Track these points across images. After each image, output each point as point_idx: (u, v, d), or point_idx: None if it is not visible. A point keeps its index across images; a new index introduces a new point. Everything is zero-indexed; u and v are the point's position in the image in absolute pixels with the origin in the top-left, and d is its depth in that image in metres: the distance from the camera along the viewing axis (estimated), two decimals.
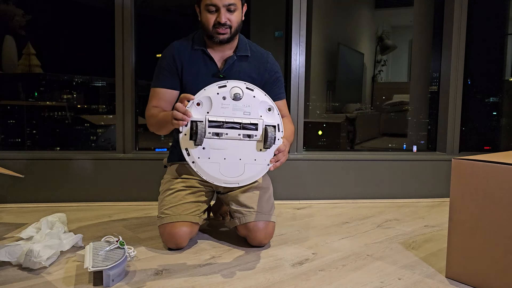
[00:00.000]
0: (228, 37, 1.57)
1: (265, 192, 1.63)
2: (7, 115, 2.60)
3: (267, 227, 1.57)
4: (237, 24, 1.57)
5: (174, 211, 1.54)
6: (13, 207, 2.13)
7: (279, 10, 2.06)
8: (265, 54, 1.70)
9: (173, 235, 1.52)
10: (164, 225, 1.54)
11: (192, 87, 1.60)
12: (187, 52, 1.62)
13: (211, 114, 1.35)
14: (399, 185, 2.46)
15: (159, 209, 1.60)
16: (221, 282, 1.29)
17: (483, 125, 2.92)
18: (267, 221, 1.57)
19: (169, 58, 1.62)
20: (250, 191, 1.60)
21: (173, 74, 1.62)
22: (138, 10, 2.35)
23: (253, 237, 1.57)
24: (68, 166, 2.22)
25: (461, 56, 2.56)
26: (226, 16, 1.53)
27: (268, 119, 1.40)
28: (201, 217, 1.60)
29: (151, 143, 2.59)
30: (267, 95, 1.42)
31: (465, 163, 1.28)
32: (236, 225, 1.59)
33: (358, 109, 4.23)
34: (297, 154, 2.43)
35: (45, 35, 2.73)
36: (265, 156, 1.42)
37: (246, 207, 1.57)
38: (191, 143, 1.35)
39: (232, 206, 1.60)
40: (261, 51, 1.70)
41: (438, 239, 1.73)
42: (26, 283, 1.26)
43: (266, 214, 1.58)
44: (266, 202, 1.60)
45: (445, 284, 1.31)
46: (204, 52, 1.62)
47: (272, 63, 1.69)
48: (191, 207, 1.57)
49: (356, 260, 1.49)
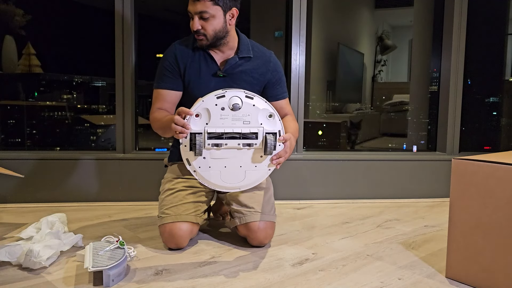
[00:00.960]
0: (206, 44, 1.56)
1: (266, 192, 1.63)
2: (7, 115, 2.60)
3: (267, 227, 1.57)
4: (213, 31, 1.53)
5: (175, 211, 1.54)
6: (13, 207, 2.13)
7: (279, 10, 2.07)
8: (268, 53, 1.69)
9: (173, 235, 1.52)
10: (165, 225, 1.53)
11: (194, 86, 1.61)
12: (188, 52, 1.62)
13: (210, 125, 1.36)
14: (399, 185, 2.46)
15: (160, 209, 1.60)
16: (221, 282, 1.29)
17: (483, 125, 2.92)
18: (267, 221, 1.57)
19: (171, 59, 1.61)
20: (251, 191, 1.59)
21: (175, 75, 1.61)
22: (138, 10, 2.35)
23: (253, 237, 1.57)
24: (68, 166, 2.22)
25: (461, 56, 2.56)
26: (199, 23, 1.52)
27: (269, 126, 1.40)
28: (202, 217, 1.60)
29: (151, 143, 2.59)
30: (267, 102, 1.41)
31: (465, 163, 1.28)
32: (236, 225, 1.59)
33: (358, 109, 4.23)
34: (297, 154, 2.43)
35: (45, 35, 2.72)
36: (266, 162, 1.43)
37: (247, 207, 1.57)
38: (191, 153, 1.37)
39: (233, 206, 1.60)
40: (264, 51, 1.69)
41: (438, 239, 1.73)
42: (26, 283, 1.26)
43: (267, 214, 1.58)
44: (267, 202, 1.60)
45: (445, 284, 1.31)
46: (204, 52, 1.62)
47: (274, 62, 1.69)
48: (192, 207, 1.57)
49: (356, 260, 1.49)
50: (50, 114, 2.72)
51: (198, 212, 1.58)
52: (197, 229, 1.60)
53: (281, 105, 1.70)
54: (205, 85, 1.59)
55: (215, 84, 1.59)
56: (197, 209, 1.58)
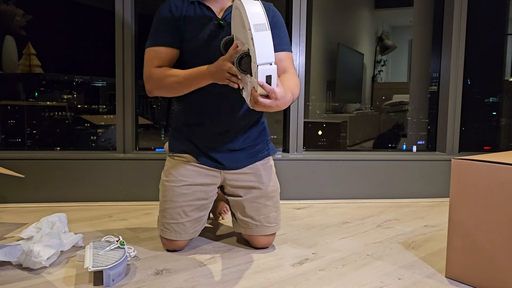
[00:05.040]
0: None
1: (273, 199, 1.58)
2: (7, 115, 2.60)
3: (270, 236, 1.58)
4: None
5: (176, 229, 1.51)
6: (13, 207, 2.13)
7: (279, 10, 2.05)
8: (267, 3, 1.57)
9: (173, 244, 1.53)
10: (165, 237, 1.54)
11: (193, 39, 1.47)
12: (184, 4, 1.49)
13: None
14: (399, 185, 2.46)
15: (160, 217, 1.55)
16: (221, 282, 1.29)
17: (483, 125, 2.92)
18: (272, 233, 1.58)
19: (166, 12, 1.48)
20: (256, 202, 1.56)
21: (172, 29, 1.46)
22: (138, 10, 2.35)
23: (256, 244, 1.58)
24: (68, 166, 2.22)
25: (461, 56, 2.56)
26: None
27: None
28: (202, 228, 1.58)
29: (151, 143, 2.59)
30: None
31: (465, 163, 1.28)
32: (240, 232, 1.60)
33: (358, 109, 4.23)
34: (297, 154, 2.43)
35: (45, 35, 2.72)
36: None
37: (252, 219, 1.55)
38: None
39: (237, 213, 1.58)
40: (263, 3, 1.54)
41: (438, 239, 1.73)
42: (26, 283, 1.26)
43: (272, 225, 1.57)
44: (273, 212, 1.58)
45: (445, 284, 1.31)
46: (200, 3, 1.49)
47: (274, 10, 1.56)
48: (194, 225, 1.53)
49: (356, 260, 1.49)
50: (50, 114, 2.72)
51: (199, 227, 1.56)
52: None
53: (279, 57, 1.47)
54: (203, 36, 1.45)
55: (214, 33, 1.46)
56: (199, 224, 1.56)
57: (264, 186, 1.56)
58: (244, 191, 1.55)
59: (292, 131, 2.44)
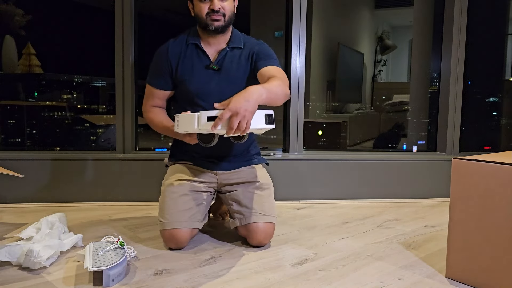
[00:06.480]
0: (222, 25, 1.58)
1: (266, 191, 1.64)
2: (7, 115, 2.60)
3: (267, 228, 1.58)
4: (231, 12, 1.60)
5: (175, 217, 1.53)
6: (13, 207, 2.13)
7: (279, 10, 2.07)
8: (257, 42, 1.69)
9: (173, 237, 1.53)
10: (165, 230, 1.54)
11: (187, 80, 1.62)
12: (181, 48, 1.64)
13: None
14: (399, 185, 2.46)
15: (160, 212, 1.59)
16: (221, 282, 1.29)
17: (483, 125, 2.92)
18: (267, 222, 1.58)
19: (163, 56, 1.65)
20: (251, 192, 1.61)
21: (165, 73, 1.65)
22: (138, 10, 2.35)
23: (253, 237, 1.57)
24: (68, 166, 2.22)
25: (461, 56, 2.56)
26: (219, 4, 1.56)
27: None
28: (202, 222, 1.60)
29: (151, 143, 2.59)
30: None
31: (465, 163, 1.28)
32: (236, 226, 1.60)
33: (358, 109, 4.23)
34: (297, 154, 2.43)
35: (45, 35, 2.72)
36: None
37: (247, 207, 1.58)
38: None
39: (233, 206, 1.61)
40: (254, 41, 1.69)
41: (438, 239, 1.73)
42: (26, 283, 1.26)
43: (267, 215, 1.58)
44: (267, 203, 1.61)
45: (445, 284, 1.31)
46: (197, 46, 1.64)
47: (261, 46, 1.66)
48: (192, 213, 1.56)
49: (356, 260, 1.49)
50: (50, 114, 2.72)
51: (198, 217, 1.57)
52: (197, 230, 1.60)
53: (267, 69, 1.57)
54: (197, 79, 1.61)
55: (208, 78, 1.61)
56: (198, 214, 1.58)
57: (257, 179, 1.67)
58: (239, 186, 1.65)
59: (292, 131, 2.44)
